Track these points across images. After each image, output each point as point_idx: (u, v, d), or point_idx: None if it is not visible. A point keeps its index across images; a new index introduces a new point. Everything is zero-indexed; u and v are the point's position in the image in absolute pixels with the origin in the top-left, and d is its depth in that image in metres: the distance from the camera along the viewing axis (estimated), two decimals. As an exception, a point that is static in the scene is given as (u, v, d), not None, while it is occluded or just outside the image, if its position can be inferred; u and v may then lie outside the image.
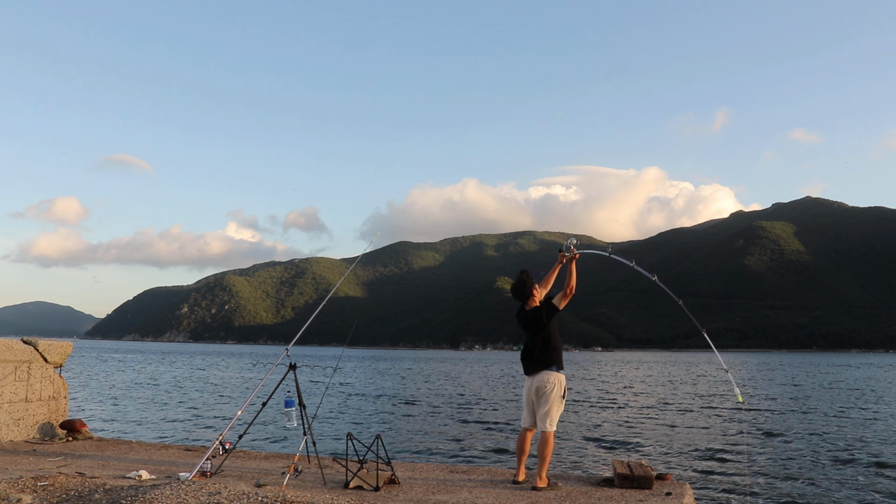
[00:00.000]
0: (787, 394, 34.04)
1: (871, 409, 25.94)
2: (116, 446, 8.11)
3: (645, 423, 20.71)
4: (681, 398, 30.56)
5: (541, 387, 5.94)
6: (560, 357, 6.08)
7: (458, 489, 5.83)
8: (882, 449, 15.53)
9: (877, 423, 20.84)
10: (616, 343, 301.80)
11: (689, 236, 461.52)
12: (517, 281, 6.28)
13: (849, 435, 17.99)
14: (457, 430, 18.53)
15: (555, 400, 5.90)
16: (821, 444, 16.21)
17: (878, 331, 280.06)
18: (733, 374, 49.69)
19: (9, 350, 8.05)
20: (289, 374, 6.36)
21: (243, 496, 4.33)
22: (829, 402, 29.17)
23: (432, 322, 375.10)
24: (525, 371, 6.16)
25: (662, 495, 5.52)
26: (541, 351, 6.04)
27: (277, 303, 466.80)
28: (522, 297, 6.26)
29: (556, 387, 5.92)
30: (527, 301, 6.26)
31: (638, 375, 55.35)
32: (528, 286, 6.23)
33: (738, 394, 5.89)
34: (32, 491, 4.83)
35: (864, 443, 16.52)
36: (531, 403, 6.05)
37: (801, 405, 27.29)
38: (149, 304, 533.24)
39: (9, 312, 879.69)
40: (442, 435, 17.39)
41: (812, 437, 17.48)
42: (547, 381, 5.92)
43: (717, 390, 36.54)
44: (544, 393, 5.92)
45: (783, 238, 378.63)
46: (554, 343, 6.06)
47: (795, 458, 14.30)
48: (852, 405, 27.38)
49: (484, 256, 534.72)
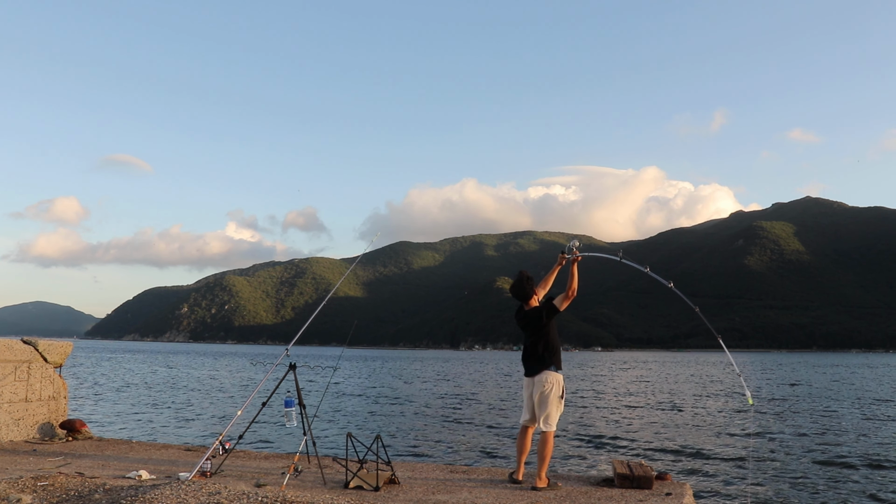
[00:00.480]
0: (787, 394, 34.03)
1: (870, 408, 25.94)
2: (116, 446, 8.11)
3: (645, 423, 20.71)
4: (681, 398, 30.56)
5: (540, 387, 5.96)
6: (559, 357, 6.10)
7: (457, 489, 5.83)
8: (883, 450, 15.53)
9: (877, 423, 20.84)
10: (616, 343, 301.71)
11: (689, 236, 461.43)
12: (517, 280, 6.29)
13: (849, 435, 17.98)
14: (457, 430, 18.53)
15: (553, 400, 5.93)
16: (821, 444, 16.20)
17: (878, 331, 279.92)
18: (734, 374, 49.63)
19: (9, 350, 8.05)
20: (289, 374, 6.37)
21: (243, 496, 4.33)
22: (830, 402, 29.17)
23: (432, 322, 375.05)
24: (525, 372, 6.18)
25: (662, 495, 5.52)
26: (541, 351, 6.05)
27: (277, 303, 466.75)
28: (523, 296, 6.27)
29: (555, 387, 5.95)
30: (527, 301, 6.28)
31: (638, 375, 55.35)
32: (529, 286, 6.24)
33: (749, 396, 5.85)
34: (32, 491, 4.83)
35: (864, 443, 16.52)
36: (531, 403, 6.07)
37: (801, 405, 27.28)
38: (149, 304, 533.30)
39: (9, 312, 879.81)
40: (441, 435, 17.39)
41: (812, 437, 17.48)
42: (546, 381, 5.95)
43: (717, 390, 36.56)
44: (543, 393, 5.94)
45: (783, 238, 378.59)
46: (553, 344, 6.08)
47: (795, 457, 14.30)
48: (852, 405, 27.38)
49: (484, 256, 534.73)
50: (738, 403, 27.87)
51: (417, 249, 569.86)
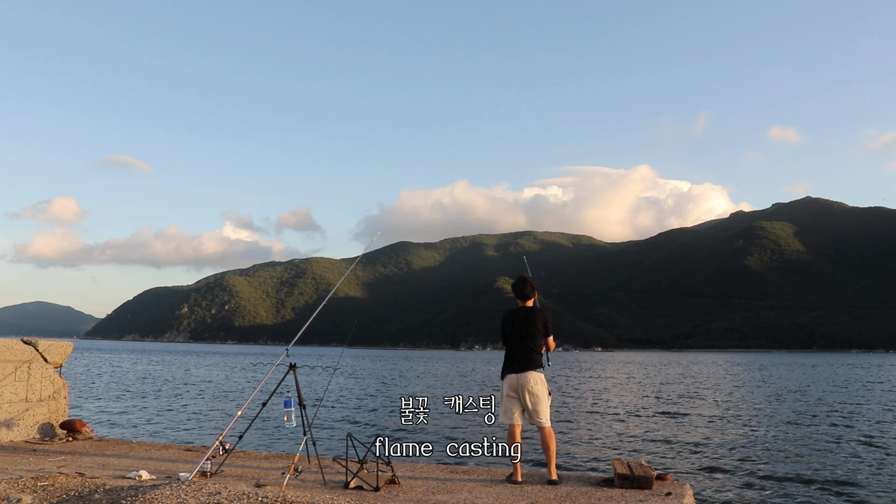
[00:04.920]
0: (786, 394, 34.03)
1: (872, 409, 25.94)
2: (116, 446, 8.11)
3: (645, 423, 20.71)
4: (680, 398, 30.56)
5: (530, 386, 6.10)
6: (543, 357, 6.39)
7: (458, 489, 5.83)
8: (882, 450, 15.53)
9: (878, 423, 20.85)
10: (616, 343, 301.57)
11: (689, 236, 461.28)
12: (521, 280, 6.48)
13: (849, 435, 17.99)
14: (457, 430, 18.52)
15: (544, 397, 6.14)
16: (821, 444, 16.20)
17: (878, 331, 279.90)
18: (734, 374, 49.63)
19: (9, 350, 8.05)
20: (289, 374, 6.37)
21: (243, 496, 4.33)
22: (829, 401, 29.17)
23: (432, 322, 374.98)
24: (512, 368, 6.25)
25: (662, 495, 5.52)
26: (532, 350, 6.22)
27: (277, 303, 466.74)
28: (524, 296, 6.44)
29: (543, 384, 6.17)
30: (526, 301, 6.43)
31: (638, 376, 55.35)
32: (531, 287, 6.45)
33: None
34: (32, 491, 4.83)
35: (864, 442, 16.52)
36: (519, 402, 6.19)
37: (801, 405, 27.28)
38: (149, 304, 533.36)
39: (9, 312, 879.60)
40: (442, 435, 17.38)
41: (812, 437, 17.48)
42: (537, 380, 6.14)
43: (717, 390, 36.55)
44: (534, 392, 6.09)
45: (783, 238, 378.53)
46: (541, 344, 6.31)
47: (795, 457, 14.30)
48: (852, 405, 27.38)
49: (484, 256, 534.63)
50: (738, 403, 27.87)
51: (417, 249, 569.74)
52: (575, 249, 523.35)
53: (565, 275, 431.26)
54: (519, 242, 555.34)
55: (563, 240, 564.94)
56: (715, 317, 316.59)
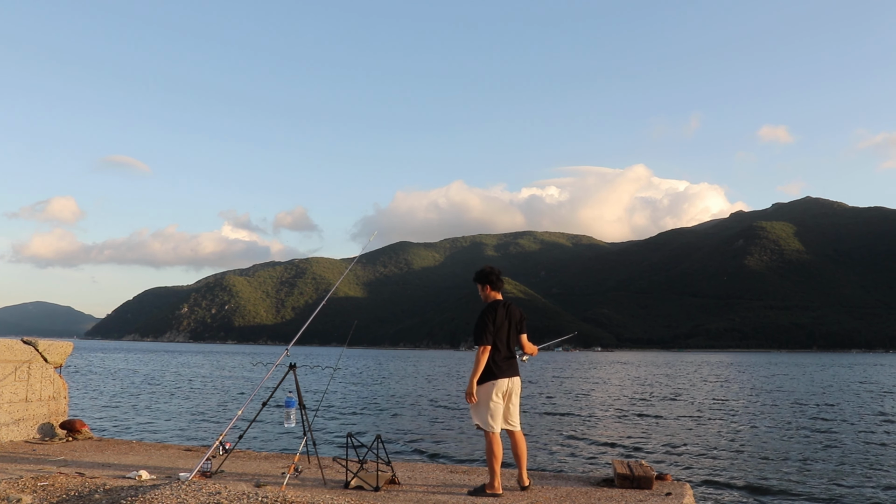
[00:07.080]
0: (786, 394, 34.04)
1: (872, 408, 25.95)
2: (116, 446, 8.11)
3: (645, 423, 20.71)
4: (680, 398, 30.56)
5: (518, 389, 5.81)
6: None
7: (458, 489, 5.83)
8: (882, 449, 15.53)
9: (878, 423, 20.85)
10: (616, 343, 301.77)
11: (689, 236, 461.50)
12: (492, 268, 5.98)
13: (849, 434, 17.99)
14: (457, 430, 18.52)
15: (517, 401, 5.84)
16: (821, 444, 16.21)
17: (878, 331, 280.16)
18: (733, 374, 49.64)
19: (9, 350, 8.05)
20: (289, 374, 6.37)
21: (243, 496, 4.33)
22: (829, 401, 29.17)
23: (432, 322, 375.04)
24: (507, 373, 5.72)
25: (662, 495, 5.52)
26: (517, 353, 5.94)
27: (277, 303, 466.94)
28: (500, 287, 5.93)
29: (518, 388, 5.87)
30: (499, 293, 5.95)
31: (637, 376, 55.35)
32: (497, 274, 5.98)
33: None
34: (32, 491, 4.83)
35: (865, 442, 16.52)
36: (507, 408, 5.76)
37: (801, 405, 27.28)
38: (149, 304, 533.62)
39: (9, 312, 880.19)
40: (442, 435, 17.38)
41: (812, 437, 17.48)
42: (518, 384, 5.81)
43: (717, 390, 36.55)
44: (516, 395, 5.80)
45: (783, 238, 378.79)
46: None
47: (795, 457, 14.30)
48: (852, 405, 27.39)
49: (484, 257, 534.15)
50: (737, 403, 27.88)
51: (417, 249, 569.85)
52: (575, 249, 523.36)
53: (565, 275, 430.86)
54: (519, 242, 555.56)
55: (563, 240, 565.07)
56: (715, 317, 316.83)
